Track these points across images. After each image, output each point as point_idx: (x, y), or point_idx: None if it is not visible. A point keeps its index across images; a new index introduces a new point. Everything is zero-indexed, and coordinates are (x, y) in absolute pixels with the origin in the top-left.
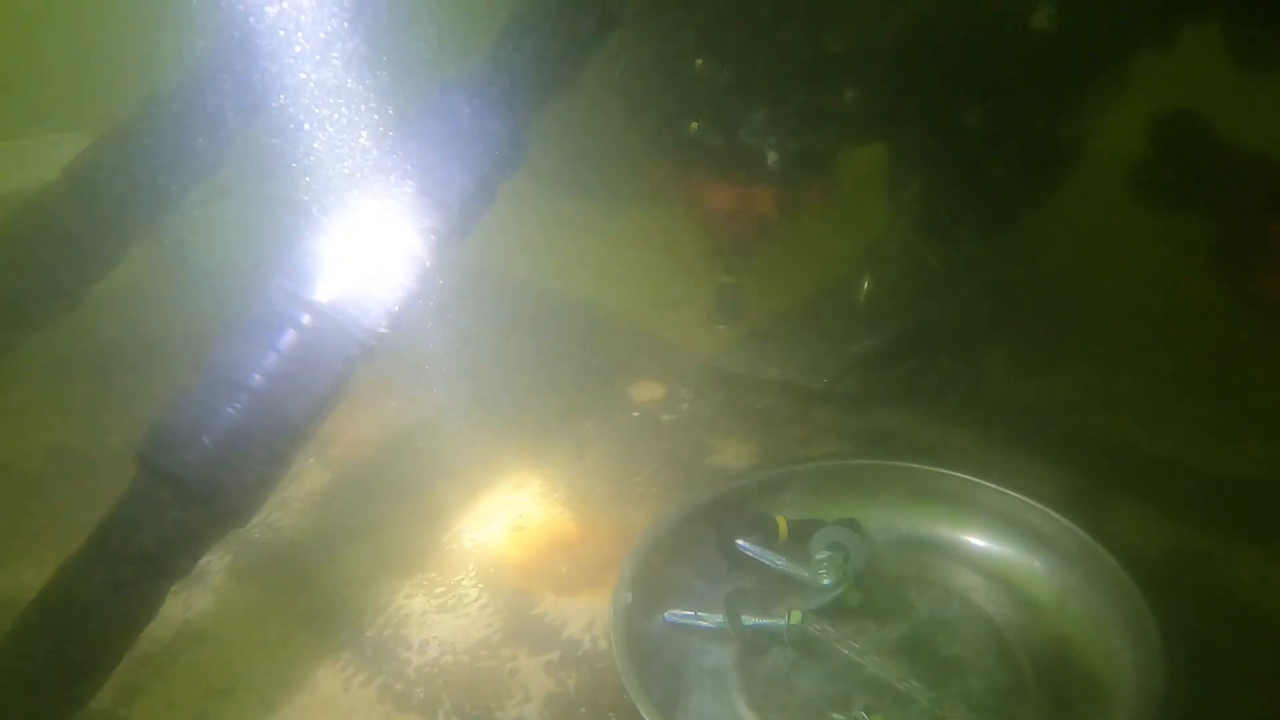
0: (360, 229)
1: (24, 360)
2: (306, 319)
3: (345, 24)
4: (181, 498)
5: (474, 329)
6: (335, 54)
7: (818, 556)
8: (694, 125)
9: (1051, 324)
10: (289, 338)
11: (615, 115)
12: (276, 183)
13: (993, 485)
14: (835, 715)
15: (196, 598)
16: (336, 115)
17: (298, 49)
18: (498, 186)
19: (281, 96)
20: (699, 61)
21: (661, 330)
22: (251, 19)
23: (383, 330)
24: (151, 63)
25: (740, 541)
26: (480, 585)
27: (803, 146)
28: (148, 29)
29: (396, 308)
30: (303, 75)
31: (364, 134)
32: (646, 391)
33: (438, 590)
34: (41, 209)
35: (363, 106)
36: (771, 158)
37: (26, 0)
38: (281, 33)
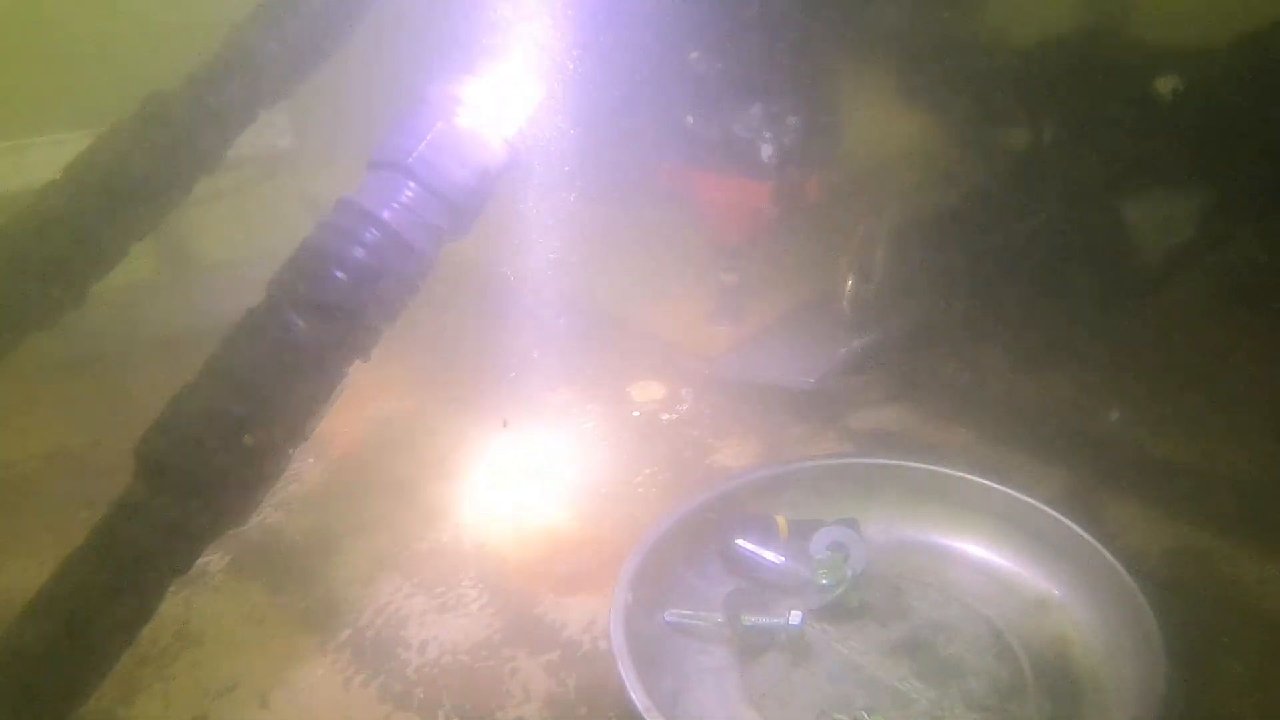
0: (360, 224)
1: (24, 360)
2: (304, 316)
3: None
4: (179, 496)
5: (473, 328)
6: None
7: (818, 556)
8: (688, 119)
9: (1050, 322)
10: (287, 335)
11: (617, 111)
12: (277, 179)
13: (992, 485)
14: (835, 715)
15: (196, 598)
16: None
17: None
18: (496, 181)
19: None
20: (694, 55)
21: (661, 330)
22: None
23: (381, 327)
24: (152, 62)
25: (740, 541)
26: (480, 585)
27: (797, 140)
28: (148, 28)
29: (395, 304)
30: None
31: (362, 127)
32: (646, 391)
33: (438, 590)
34: (41, 209)
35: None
36: (766, 151)
37: (27, 0)
38: None
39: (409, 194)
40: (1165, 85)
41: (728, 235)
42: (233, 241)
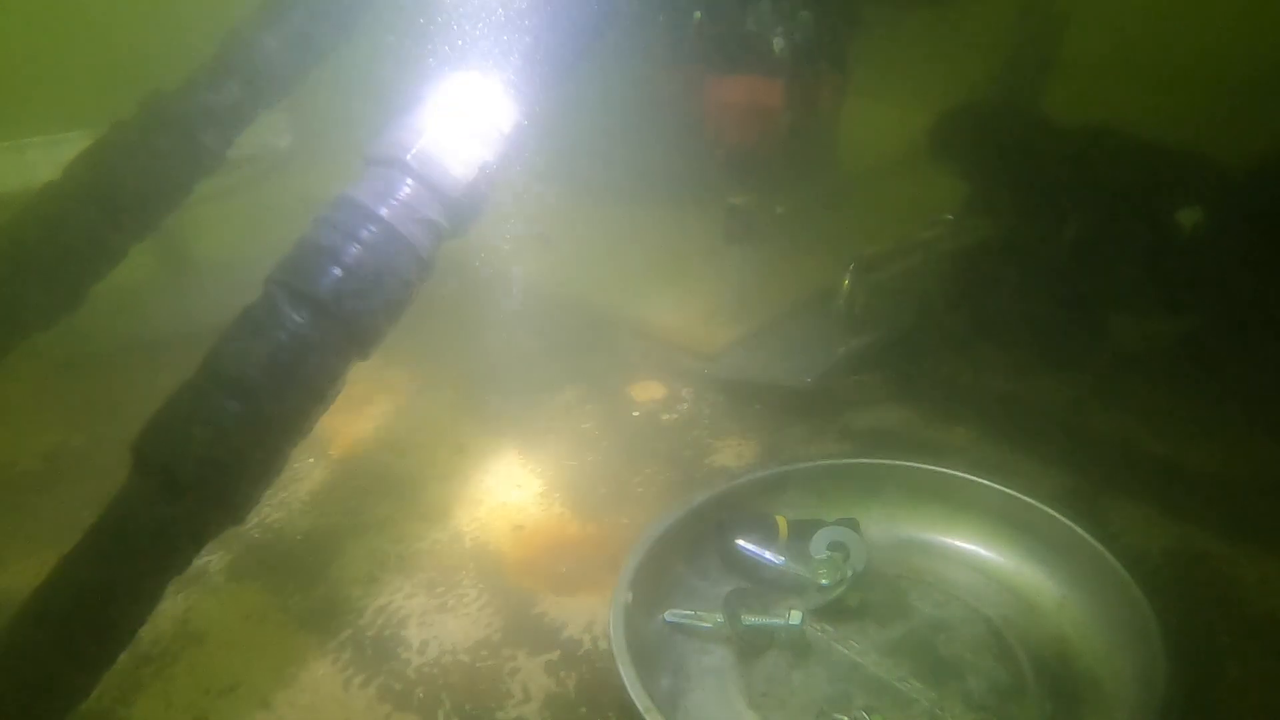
0: (358, 221)
1: (24, 360)
2: (302, 313)
3: None
4: (176, 493)
5: (474, 328)
6: None
7: (818, 556)
8: (697, 15)
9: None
10: (287, 333)
11: (619, 109)
12: (277, 179)
13: (992, 485)
14: (835, 715)
15: (196, 598)
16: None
17: None
18: (495, 176)
19: None
20: None
21: (661, 330)
22: None
23: (381, 326)
24: (152, 62)
25: (740, 541)
26: (480, 585)
27: (810, 36)
28: (148, 28)
29: (394, 302)
30: None
31: (362, 127)
32: (646, 391)
33: (438, 590)
34: (41, 209)
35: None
36: (778, 45)
37: (27, 0)
38: None
39: (407, 191)
40: (1188, 218)
41: (740, 139)
42: (233, 241)
